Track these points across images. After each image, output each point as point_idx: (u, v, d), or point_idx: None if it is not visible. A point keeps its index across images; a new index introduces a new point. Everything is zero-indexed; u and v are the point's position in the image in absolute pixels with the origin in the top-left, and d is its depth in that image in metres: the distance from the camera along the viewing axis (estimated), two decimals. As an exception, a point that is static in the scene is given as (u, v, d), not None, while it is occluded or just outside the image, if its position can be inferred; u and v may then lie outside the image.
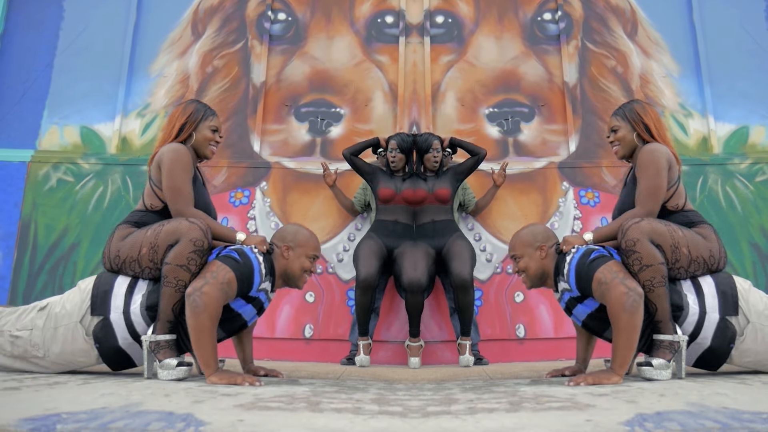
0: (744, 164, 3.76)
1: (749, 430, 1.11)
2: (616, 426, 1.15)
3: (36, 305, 2.20)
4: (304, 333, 3.48)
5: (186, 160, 2.24)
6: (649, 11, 4.15)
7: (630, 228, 2.06)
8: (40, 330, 2.12)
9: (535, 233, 2.24)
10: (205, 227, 2.10)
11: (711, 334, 2.08)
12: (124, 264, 2.15)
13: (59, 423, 1.17)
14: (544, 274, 2.23)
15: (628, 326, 1.92)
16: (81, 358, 2.14)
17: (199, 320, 1.93)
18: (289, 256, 2.21)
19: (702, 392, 1.62)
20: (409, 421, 1.25)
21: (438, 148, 3.42)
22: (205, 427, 1.14)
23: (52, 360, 2.13)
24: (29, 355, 2.13)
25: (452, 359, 3.38)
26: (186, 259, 2.03)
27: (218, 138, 2.41)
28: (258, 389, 1.78)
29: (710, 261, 2.15)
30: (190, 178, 2.24)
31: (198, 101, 2.44)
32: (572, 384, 1.86)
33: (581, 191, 3.71)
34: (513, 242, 2.28)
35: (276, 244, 2.23)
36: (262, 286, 2.14)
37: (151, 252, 2.10)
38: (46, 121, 3.97)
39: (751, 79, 3.96)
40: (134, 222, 2.25)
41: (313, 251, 2.23)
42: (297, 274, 2.21)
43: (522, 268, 2.23)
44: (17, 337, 2.12)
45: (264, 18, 4.16)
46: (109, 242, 2.21)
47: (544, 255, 2.21)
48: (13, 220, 3.71)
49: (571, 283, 2.10)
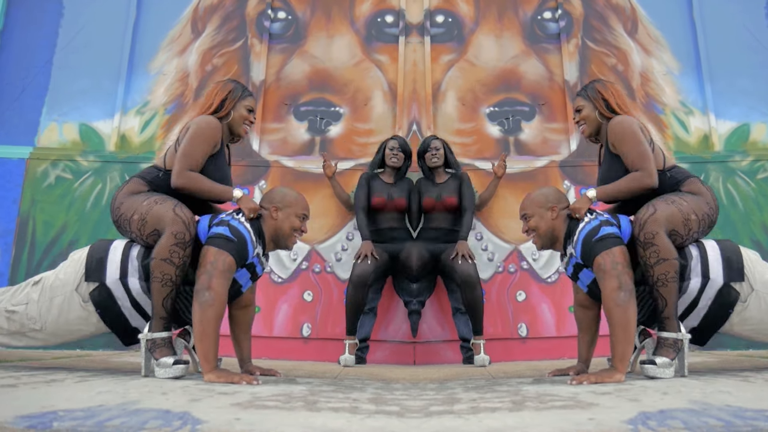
0: (745, 161, 3.76)
1: (752, 427, 1.11)
2: (619, 424, 1.15)
3: (30, 281, 2.22)
4: (302, 332, 3.47)
5: (211, 133, 2.27)
6: (649, 9, 4.15)
7: (648, 221, 2.08)
8: (36, 303, 2.14)
9: (548, 194, 2.25)
10: (188, 219, 2.12)
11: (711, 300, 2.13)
12: (120, 218, 2.20)
13: (56, 420, 1.17)
14: (554, 235, 2.23)
15: (622, 321, 1.94)
16: (79, 326, 2.17)
17: (206, 314, 1.95)
18: (278, 216, 2.20)
19: (705, 390, 1.62)
20: (406, 421, 1.25)
21: (437, 146, 3.41)
22: (202, 426, 1.14)
23: (50, 331, 2.15)
24: (26, 329, 2.14)
25: (455, 359, 3.37)
26: (168, 252, 2.06)
27: (252, 118, 2.46)
28: (255, 388, 1.78)
29: (710, 212, 2.20)
30: (207, 149, 2.27)
31: (236, 81, 2.48)
32: (575, 382, 1.86)
33: (582, 189, 3.69)
34: (524, 202, 2.28)
35: (264, 206, 2.24)
36: (255, 251, 2.16)
37: (139, 223, 2.14)
38: (45, 118, 3.96)
39: (752, 76, 3.96)
40: (149, 180, 2.28)
41: (302, 210, 2.24)
42: (287, 233, 2.21)
43: (532, 226, 2.23)
44: (13, 312, 2.14)
45: (264, 16, 4.15)
46: (120, 190, 2.26)
47: (555, 216, 2.21)
48: (12, 217, 3.70)
49: (577, 251, 2.13)
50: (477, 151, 3.81)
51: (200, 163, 2.26)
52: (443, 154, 3.44)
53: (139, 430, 1.10)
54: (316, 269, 3.57)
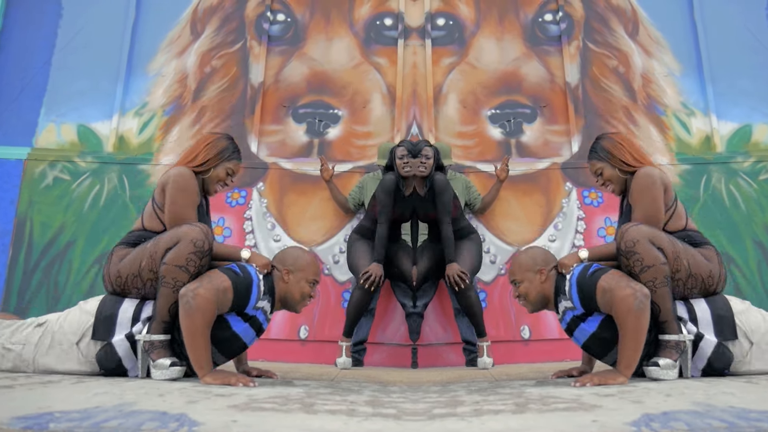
0: (747, 162, 3.74)
1: (756, 429, 1.10)
2: (622, 426, 1.14)
3: (34, 321, 2.17)
4: (299, 334, 3.46)
5: (191, 187, 2.20)
6: (649, 10, 4.15)
7: (629, 230, 2.03)
8: (33, 346, 2.10)
9: (535, 257, 2.21)
10: (207, 230, 2.08)
11: (709, 356, 2.05)
12: (126, 282, 2.11)
13: (52, 422, 1.16)
14: (544, 297, 2.19)
15: (636, 327, 1.90)
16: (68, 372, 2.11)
17: (192, 321, 1.91)
18: (289, 279, 2.17)
19: (708, 392, 1.61)
20: (404, 424, 1.24)
21: (429, 155, 3.10)
22: (199, 428, 1.13)
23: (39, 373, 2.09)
24: (17, 369, 2.11)
25: (457, 361, 3.36)
26: (185, 260, 2.00)
27: (230, 182, 2.38)
28: (252, 390, 1.76)
29: (708, 281, 2.11)
30: (194, 205, 2.21)
31: (231, 139, 2.40)
32: (578, 385, 1.85)
33: (584, 192, 3.70)
34: (512, 267, 2.24)
35: (277, 267, 2.20)
36: (260, 303, 2.11)
37: (150, 262, 2.06)
38: (44, 118, 3.95)
39: (754, 77, 3.95)
40: (132, 243, 2.19)
41: (313, 276, 2.20)
42: (296, 298, 2.18)
43: (522, 293, 2.19)
44: (9, 350, 2.11)
45: (263, 18, 4.15)
46: (108, 265, 2.17)
47: (544, 278, 2.17)
48: (9, 218, 3.68)
49: (574, 299, 2.07)
50: (479, 154, 3.81)
51: (194, 220, 2.18)
52: (432, 164, 3.11)
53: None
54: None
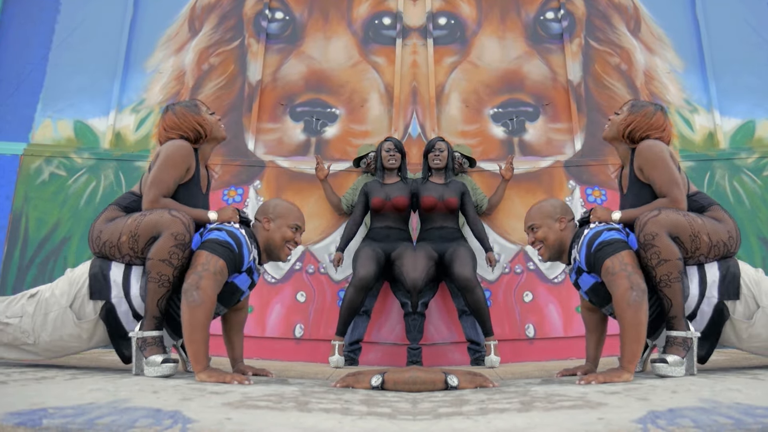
0: (751, 159, 3.73)
1: (762, 425, 1.10)
2: (628, 424, 1.14)
3: (26, 293, 2.21)
4: (294, 333, 3.44)
5: (178, 157, 2.25)
6: (651, 7, 4.14)
7: (648, 222, 2.04)
8: (30, 317, 2.13)
9: (555, 205, 2.24)
10: (188, 221, 2.09)
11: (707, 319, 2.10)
12: (104, 247, 2.15)
13: (45, 418, 1.17)
14: (562, 244, 2.21)
15: (633, 322, 1.92)
16: (72, 343, 2.15)
17: (194, 315, 1.93)
18: (269, 227, 2.20)
19: (714, 388, 1.61)
20: (398, 423, 1.24)
21: (442, 148, 3.39)
22: (193, 425, 1.14)
23: (44, 347, 2.15)
24: (19, 342, 2.14)
25: (462, 361, 3.35)
26: (168, 254, 2.03)
27: (214, 118, 2.44)
28: (247, 388, 1.77)
29: (729, 243, 2.14)
30: (177, 174, 2.24)
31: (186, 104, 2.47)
32: (583, 382, 1.85)
33: (588, 189, 3.69)
34: (532, 213, 2.26)
35: (257, 218, 2.24)
36: (251, 256, 2.15)
37: (131, 240, 2.10)
38: (40, 114, 3.94)
39: (756, 73, 3.95)
40: (124, 206, 2.26)
41: (294, 220, 2.22)
42: (279, 244, 2.20)
43: (540, 237, 2.21)
44: (7, 324, 2.14)
45: (261, 16, 4.14)
46: (96, 220, 2.23)
47: (563, 227, 2.20)
48: (4, 213, 3.67)
49: (581, 255, 2.11)
50: (482, 153, 3.79)
51: (171, 188, 2.23)
52: (446, 156, 3.41)
53: (129, 429, 1.09)
54: (310, 270, 3.55)
